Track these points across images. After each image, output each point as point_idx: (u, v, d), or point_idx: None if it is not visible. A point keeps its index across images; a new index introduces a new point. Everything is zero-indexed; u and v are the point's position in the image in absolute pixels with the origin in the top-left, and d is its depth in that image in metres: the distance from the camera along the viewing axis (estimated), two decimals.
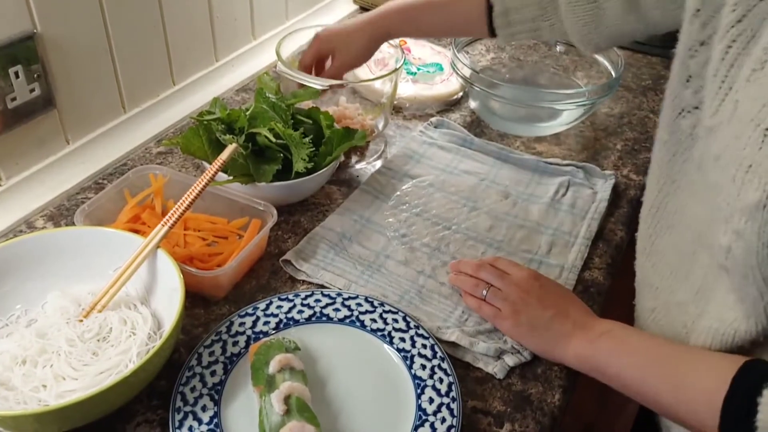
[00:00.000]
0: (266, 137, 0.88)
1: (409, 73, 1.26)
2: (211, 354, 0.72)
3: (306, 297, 0.80)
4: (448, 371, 0.72)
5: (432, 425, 0.67)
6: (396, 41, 1.16)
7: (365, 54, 1.03)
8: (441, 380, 0.71)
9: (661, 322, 0.71)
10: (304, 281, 0.85)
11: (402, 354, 0.74)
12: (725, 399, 0.55)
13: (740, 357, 0.58)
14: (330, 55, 1.03)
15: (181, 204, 0.76)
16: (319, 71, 1.05)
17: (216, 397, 0.69)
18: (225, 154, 0.81)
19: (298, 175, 0.89)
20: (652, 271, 0.74)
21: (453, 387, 0.70)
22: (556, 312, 0.74)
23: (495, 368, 0.75)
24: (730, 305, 0.59)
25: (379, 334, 0.77)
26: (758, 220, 0.51)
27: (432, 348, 0.74)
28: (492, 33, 0.96)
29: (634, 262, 0.79)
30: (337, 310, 0.79)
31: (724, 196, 0.55)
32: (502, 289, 0.78)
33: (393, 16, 0.99)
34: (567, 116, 1.14)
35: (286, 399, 0.65)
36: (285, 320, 0.77)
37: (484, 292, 0.79)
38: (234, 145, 0.83)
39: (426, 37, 1.20)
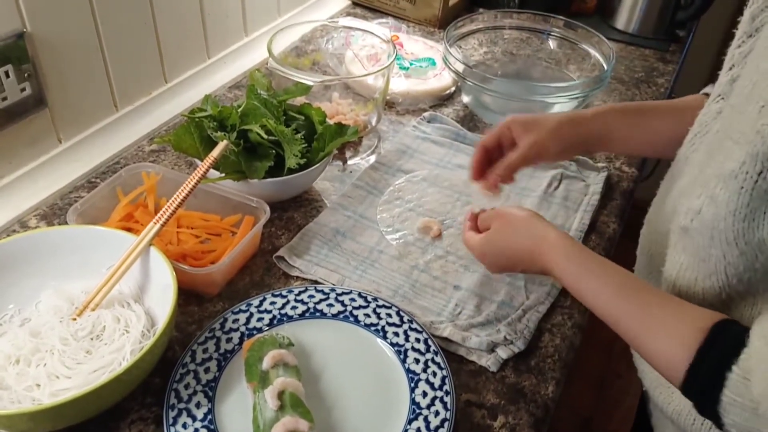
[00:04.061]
0: (258, 134, 0.88)
1: (402, 68, 1.25)
2: (205, 351, 0.73)
3: (299, 293, 0.80)
4: (442, 365, 0.72)
5: (426, 419, 0.67)
6: (387, 35, 1.16)
7: (558, 149, 0.82)
8: (434, 374, 0.72)
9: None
10: (297, 277, 0.85)
11: (396, 348, 0.75)
12: (691, 366, 0.55)
13: (708, 314, 0.58)
14: (515, 139, 0.83)
15: (173, 201, 0.76)
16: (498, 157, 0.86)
17: (210, 393, 0.69)
18: (216, 151, 0.81)
19: (291, 171, 0.89)
20: (647, 238, 0.77)
21: (446, 380, 0.71)
22: (515, 264, 0.76)
23: (488, 361, 0.75)
24: (686, 266, 0.63)
25: (373, 328, 0.77)
26: (729, 189, 0.54)
27: (425, 342, 0.75)
28: None
29: (624, 254, 0.80)
30: (330, 305, 0.79)
31: (712, 164, 0.58)
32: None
33: (610, 115, 0.82)
34: (559, 109, 1.14)
35: (280, 394, 0.65)
36: (279, 316, 0.78)
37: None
38: (225, 141, 0.83)
39: (640, 149, 0.89)
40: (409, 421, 0.67)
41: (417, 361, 0.73)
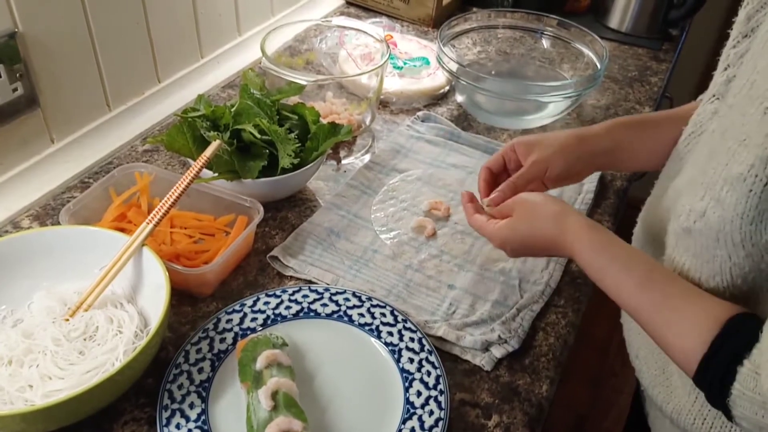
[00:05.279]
0: (251, 133, 0.87)
1: (396, 67, 1.25)
2: (199, 351, 0.72)
3: (293, 293, 0.80)
4: (436, 364, 0.72)
5: (420, 418, 0.67)
6: (381, 35, 1.16)
7: (563, 166, 0.80)
8: (429, 373, 0.72)
9: None
10: (291, 277, 0.85)
11: (390, 348, 0.75)
12: (704, 357, 0.55)
13: (727, 307, 0.58)
14: (522, 158, 0.82)
15: (166, 201, 0.76)
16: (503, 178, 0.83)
17: (203, 394, 0.69)
18: (209, 151, 0.80)
19: (284, 170, 0.89)
20: (641, 238, 0.77)
21: (440, 380, 0.71)
22: (538, 252, 0.75)
23: (482, 360, 0.75)
24: (689, 267, 0.63)
25: (367, 328, 0.77)
26: (737, 192, 0.54)
27: (419, 341, 0.75)
28: None
29: None
30: (324, 305, 0.79)
31: (714, 165, 0.58)
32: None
33: (616, 129, 0.81)
34: (553, 108, 1.14)
35: (274, 395, 0.65)
36: (272, 316, 0.77)
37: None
38: (218, 141, 0.83)
39: (648, 162, 0.83)
40: (404, 421, 0.67)
41: (411, 360, 0.73)
